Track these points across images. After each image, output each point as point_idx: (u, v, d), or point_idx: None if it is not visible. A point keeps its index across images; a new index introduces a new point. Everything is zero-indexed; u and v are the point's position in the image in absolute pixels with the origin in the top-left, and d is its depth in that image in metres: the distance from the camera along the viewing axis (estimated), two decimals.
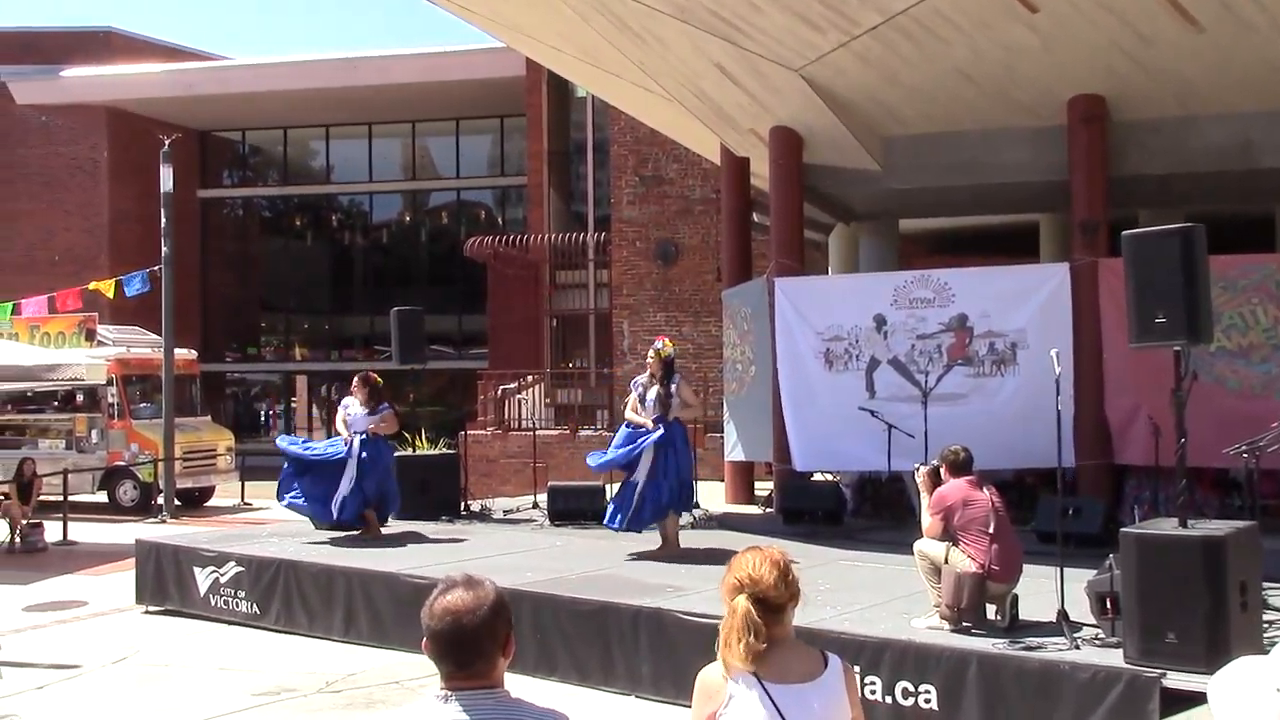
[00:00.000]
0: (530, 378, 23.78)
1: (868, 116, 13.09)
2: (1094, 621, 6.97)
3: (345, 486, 11.52)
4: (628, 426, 10.69)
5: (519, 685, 6.17)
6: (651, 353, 10.68)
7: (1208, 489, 11.20)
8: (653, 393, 10.47)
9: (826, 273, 18.19)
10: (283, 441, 12.27)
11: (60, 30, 31.89)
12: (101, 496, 20.77)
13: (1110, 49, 11.14)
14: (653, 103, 15.70)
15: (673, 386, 10.47)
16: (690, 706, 3.17)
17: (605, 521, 10.82)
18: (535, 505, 14.08)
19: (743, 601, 3.05)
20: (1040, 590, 7.32)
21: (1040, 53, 11.33)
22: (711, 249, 21.23)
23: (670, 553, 10.39)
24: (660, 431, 10.34)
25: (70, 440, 21.29)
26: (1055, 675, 6.47)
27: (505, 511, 13.98)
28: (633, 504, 10.44)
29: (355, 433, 11.67)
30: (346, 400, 12.02)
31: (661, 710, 7.70)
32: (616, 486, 11.33)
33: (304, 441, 12.85)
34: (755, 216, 16.13)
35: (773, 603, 3.07)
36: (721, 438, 16.38)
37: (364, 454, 11.59)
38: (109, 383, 20.19)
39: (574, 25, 13.22)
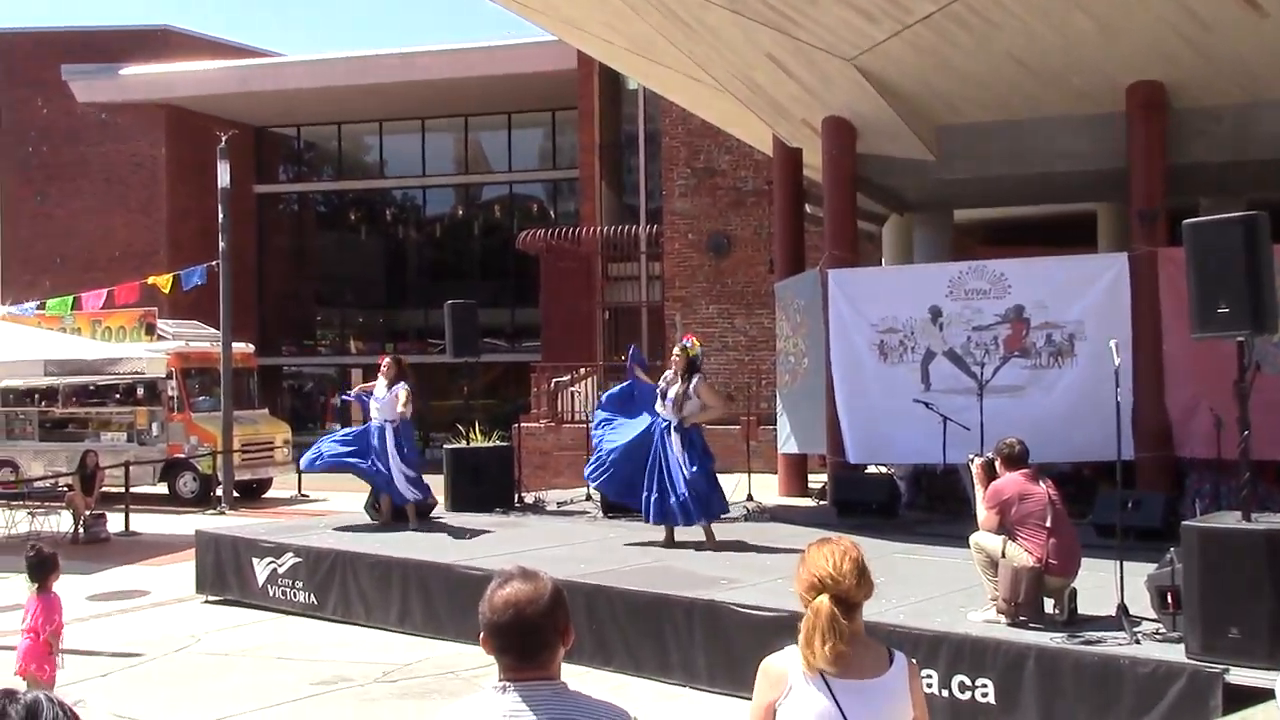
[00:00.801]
0: (583, 370, 23.83)
1: (922, 106, 12.98)
2: (1155, 616, 6.88)
3: (395, 470, 11.86)
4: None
5: (575, 675, 6.19)
6: (678, 350, 10.68)
7: (1271, 482, 11.01)
8: (673, 391, 10.46)
9: (880, 264, 18.06)
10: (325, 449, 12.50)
11: (119, 29, 32.37)
12: (162, 488, 21.09)
13: (1170, 35, 10.96)
14: (704, 94, 15.66)
15: (690, 386, 10.42)
16: (746, 698, 3.15)
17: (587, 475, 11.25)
18: (588, 497, 14.10)
19: (826, 603, 3.00)
20: (1099, 584, 7.23)
21: (1098, 39, 11.17)
22: (764, 241, 21.15)
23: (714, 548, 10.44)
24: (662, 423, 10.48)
25: (131, 433, 21.62)
26: (1115, 670, 6.40)
27: (559, 504, 14.03)
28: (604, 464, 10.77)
29: (386, 420, 11.96)
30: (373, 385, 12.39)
31: (718, 701, 7.69)
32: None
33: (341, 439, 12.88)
34: (808, 208, 16.05)
35: (851, 601, 3.03)
36: (774, 430, 16.33)
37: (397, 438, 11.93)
38: (168, 376, 20.47)
39: (625, 17, 13.22)
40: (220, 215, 20.59)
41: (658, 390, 10.65)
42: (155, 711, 7.74)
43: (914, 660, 3.17)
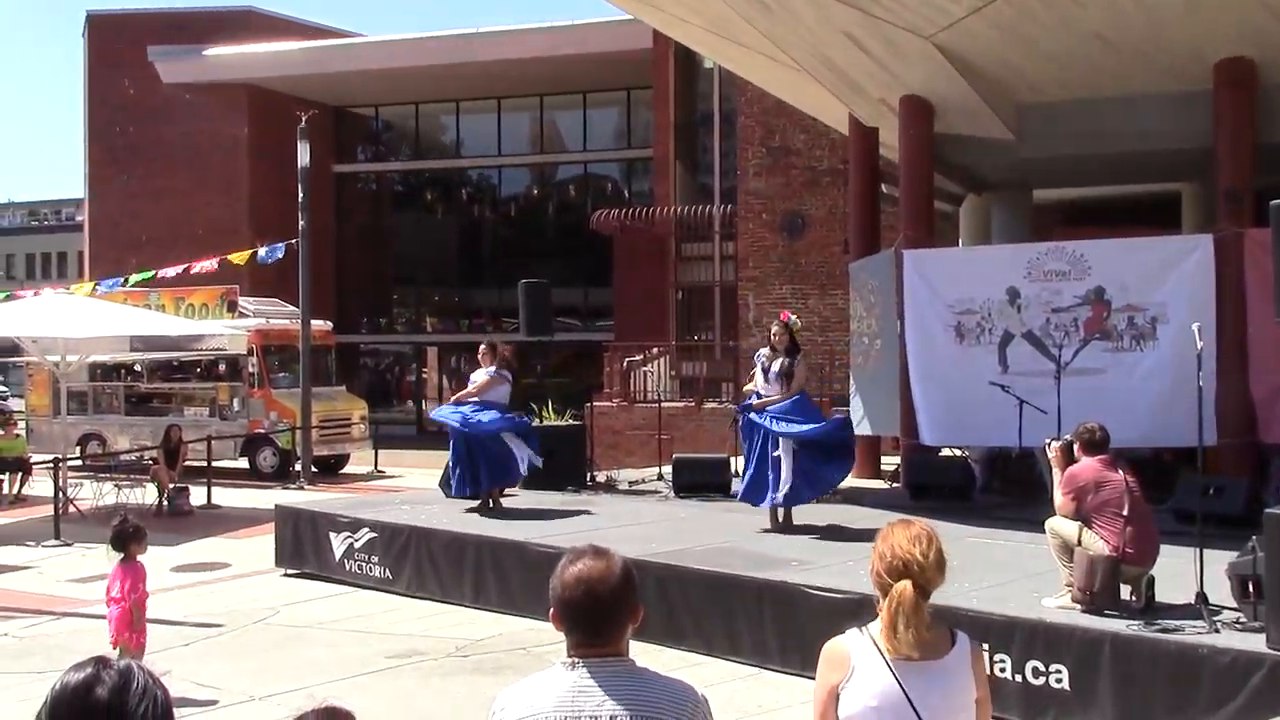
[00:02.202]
0: (655, 350, 23.86)
1: (1001, 84, 12.78)
2: (1235, 605, 6.75)
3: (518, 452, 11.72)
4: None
5: (646, 653, 6.24)
6: (781, 327, 10.62)
7: None
8: (777, 365, 10.45)
9: (957, 245, 17.84)
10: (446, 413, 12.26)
11: (203, 10, 32.95)
12: (243, 463, 21.52)
13: (1259, 9, 10.68)
14: (780, 73, 15.55)
15: (795, 361, 10.48)
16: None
17: (749, 498, 10.68)
18: (660, 477, 14.16)
19: (909, 588, 2.97)
20: (1178, 572, 7.11)
21: (1184, 14, 10.92)
22: (839, 221, 20.99)
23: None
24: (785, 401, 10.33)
25: (213, 408, 22.09)
26: (1193, 659, 6.30)
27: (630, 483, 14.09)
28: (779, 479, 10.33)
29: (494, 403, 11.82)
30: (475, 373, 12.20)
31: (790, 682, 7.69)
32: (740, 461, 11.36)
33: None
34: (884, 188, 15.89)
35: (930, 589, 3.02)
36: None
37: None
38: (249, 353, 20.86)
39: None
40: (300, 194, 20.90)
41: (760, 368, 10.60)
42: (235, 681, 7.92)
43: (979, 642, 3.14)
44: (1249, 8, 10.69)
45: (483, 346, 12.25)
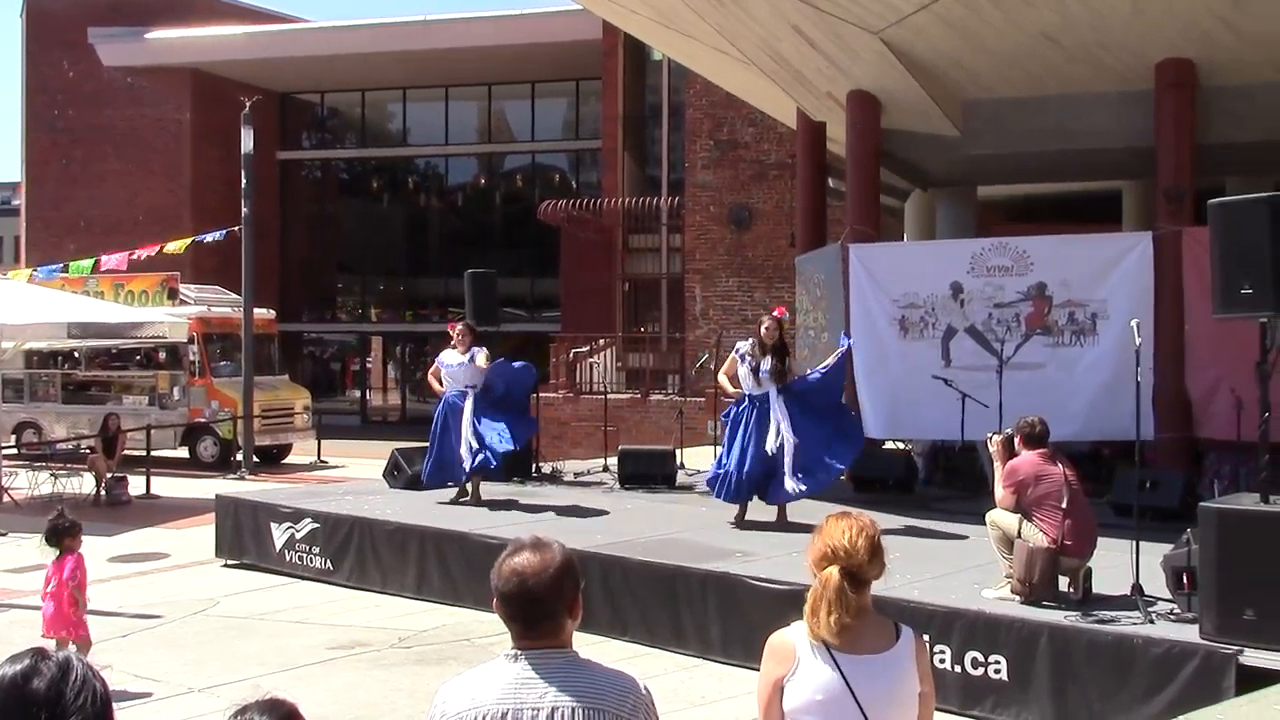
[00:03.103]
0: (602, 341, 23.86)
1: (948, 81, 12.88)
2: (1170, 596, 6.87)
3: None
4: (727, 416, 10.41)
5: (590, 645, 6.21)
6: (773, 322, 10.10)
7: None
8: (767, 363, 9.94)
9: (902, 239, 17.99)
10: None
11: None
12: (183, 452, 21.26)
13: (1202, 12, 10.84)
14: (729, 66, 15.58)
15: (786, 360, 10.09)
16: (759, 670, 3.16)
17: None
18: (606, 469, 14.15)
19: (835, 574, 3.00)
20: (1115, 564, 7.22)
21: (1129, 16, 11.06)
22: (786, 214, 21.09)
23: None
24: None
25: (153, 397, 21.80)
26: (1129, 649, 6.40)
27: (576, 474, 14.07)
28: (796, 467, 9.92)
29: (468, 387, 11.27)
30: (443, 355, 11.62)
31: (733, 673, 7.73)
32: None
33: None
34: (831, 182, 15.97)
35: (861, 577, 3.03)
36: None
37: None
38: (190, 341, 20.59)
39: None
40: (243, 181, 20.64)
41: (748, 367, 10.04)
42: (174, 673, 7.83)
43: (924, 635, 3.18)
44: (1192, 10, 10.85)
45: (460, 327, 11.55)
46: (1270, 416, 6.53)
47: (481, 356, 11.20)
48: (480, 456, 11.01)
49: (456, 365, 11.38)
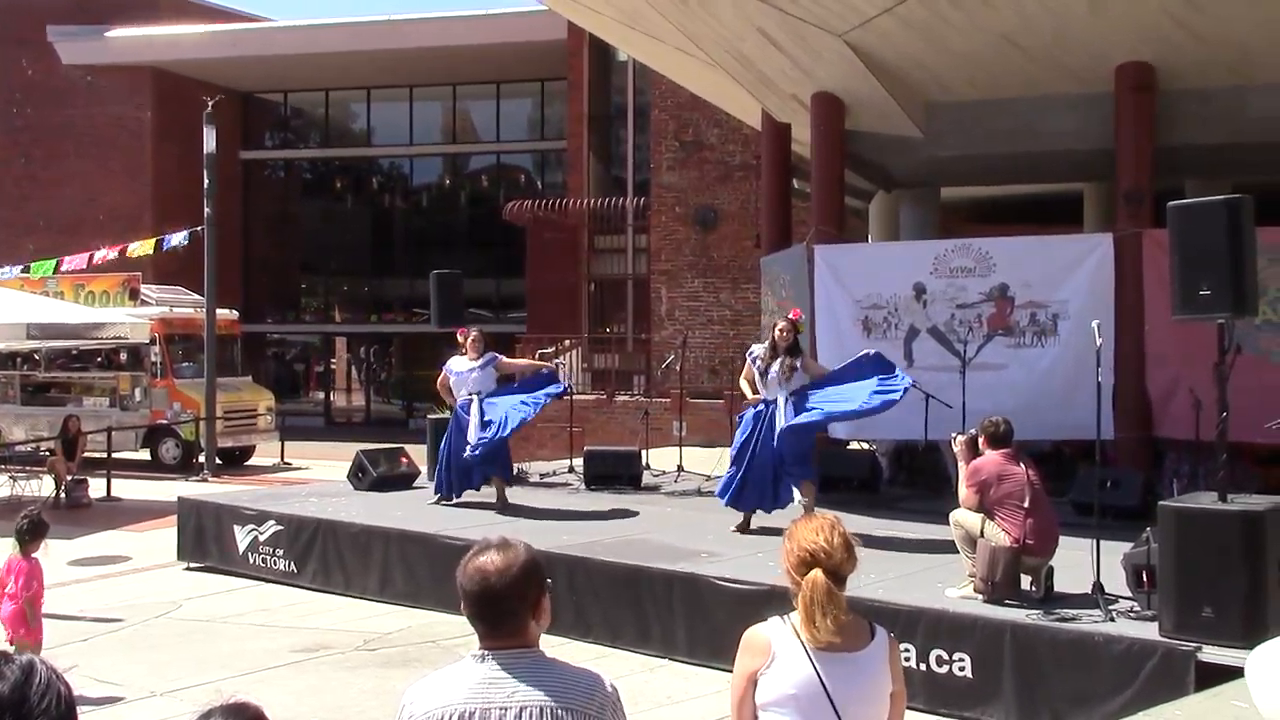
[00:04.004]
0: (568, 342, 23.82)
1: (911, 82, 12.96)
2: (1130, 594, 6.94)
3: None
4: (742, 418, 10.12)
5: (555, 646, 6.23)
6: (786, 324, 9.82)
7: (1247, 464, 11.09)
8: (777, 365, 9.67)
9: (867, 240, 18.07)
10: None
11: None
12: (144, 454, 21.07)
13: (1162, 15, 10.96)
14: (694, 67, 15.60)
15: (798, 361, 9.75)
16: (725, 669, 3.18)
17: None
18: (571, 469, 14.14)
19: (821, 576, 3.03)
20: (1076, 562, 7.29)
21: (1090, 18, 11.16)
22: (751, 215, 21.13)
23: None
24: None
25: (114, 398, 21.59)
26: (1090, 647, 6.47)
27: (541, 475, 14.06)
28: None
29: (478, 394, 11.11)
30: (450, 362, 11.46)
31: (697, 673, 7.75)
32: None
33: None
34: (795, 183, 16.03)
35: (842, 574, 3.07)
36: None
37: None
38: (152, 342, 20.41)
39: None
40: (205, 181, 20.48)
41: (756, 369, 9.84)
42: (136, 677, 7.76)
43: (893, 635, 3.22)
44: (1151, 13, 10.97)
45: (474, 333, 11.44)
46: (1228, 416, 6.62)
47: (497, 364, 11.19)
48: (481, 445, 10.83)
49: (465, 371, 11.24)
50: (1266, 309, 10.46)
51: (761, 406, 9.88)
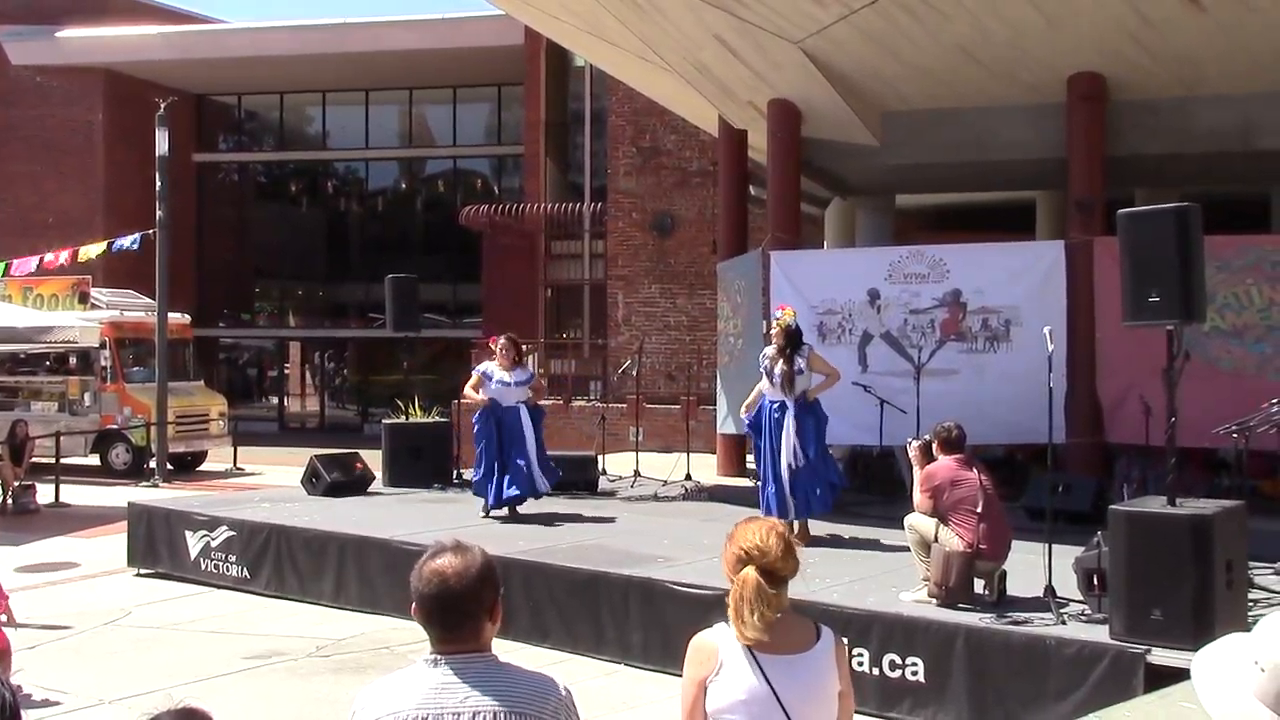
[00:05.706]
0: (525, 347, 23.74)
1: (867, 91, 13.05)
2: (1081, 598, 7.02)
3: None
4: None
5: (511, 651, 6.20)
6: (776, 325, 9.55)
7: (1197, 468, 11.24)
8: (778, 368, 9.37)
9: (822, 246, 18.17)
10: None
11: None
12: (94, 459, 20.77)
13: (1113, 28, 11.12)
14: (652, 74, 15.64)
15: (799, 362, 9.34)
16: (680, 675, 3.18)
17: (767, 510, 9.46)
18: None
19: (752, 573, 3.05)
20: (1028, 566, 7.36)
21: (1044, 31, 11.30)
22: (708, 221, 21.19)
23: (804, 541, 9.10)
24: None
25: (63, 403, 21.27)
26: (1041, 650, 6.53)
27: None
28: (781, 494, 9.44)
29: (520, 403, 10.89)
30: (488, 367, 11.08)
31: (653, 678, 7.74)
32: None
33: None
34: (752, 189, 16.10)
35: (778, 574, 3.08)
36: (714, 410, 16.40)
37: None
38: (102, 346, 20.16)
39: None
40: (158, 184, 20.26)
41: (761, 370, 9.62)
42: (84, 685, 7.65)
43: (843, 637, 3.23)
44: (1103, 26, 11.12)
45: (504, 341, 11.04)
46: (1176, 422, 6.70)
47: (534, 378, 11.07)
48: (552, 478, 10.90)
49: (510, 383, 10.86)
50: (1215, 316, 10.62)
51: (767, 406, 9.54)
